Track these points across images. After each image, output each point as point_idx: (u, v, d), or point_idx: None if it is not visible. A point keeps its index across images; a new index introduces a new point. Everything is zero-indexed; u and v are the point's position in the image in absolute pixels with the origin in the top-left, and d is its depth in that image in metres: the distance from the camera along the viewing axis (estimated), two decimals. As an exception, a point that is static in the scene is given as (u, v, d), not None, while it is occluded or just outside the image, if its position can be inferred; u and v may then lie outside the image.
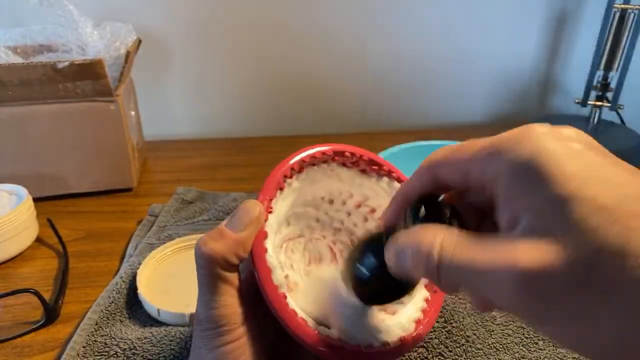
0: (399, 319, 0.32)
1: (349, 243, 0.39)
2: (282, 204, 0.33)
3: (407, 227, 0.24)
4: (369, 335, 0.30)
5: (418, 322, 0.32)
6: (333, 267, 0.37)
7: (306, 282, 0.35)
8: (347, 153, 0.35)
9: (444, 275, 0.21)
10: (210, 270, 0.27)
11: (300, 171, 0.34)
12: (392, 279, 0.25)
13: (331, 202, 0.38)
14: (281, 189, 0.33)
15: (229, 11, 0.77)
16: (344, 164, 0.36)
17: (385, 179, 0.36)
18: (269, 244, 0.30)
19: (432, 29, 0.84)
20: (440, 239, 0.21)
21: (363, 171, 0.36)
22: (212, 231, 0.28)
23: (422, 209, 0.23)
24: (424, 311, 0.32)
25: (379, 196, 0.37)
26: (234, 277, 0.28)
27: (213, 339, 0.27)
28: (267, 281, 0.28)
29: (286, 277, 0.37)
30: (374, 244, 0.26)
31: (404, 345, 0.30)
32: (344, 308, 0.33)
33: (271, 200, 0.32)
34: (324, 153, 0.35)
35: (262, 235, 0.29)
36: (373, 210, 0.38)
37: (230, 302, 0.28)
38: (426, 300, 0.33)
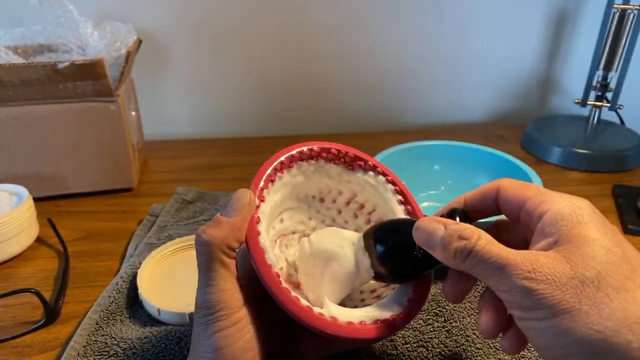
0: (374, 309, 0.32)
1: None
2: (273, 196, 0.35)
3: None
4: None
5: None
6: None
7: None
8: (333, 150, 0.37)
9: (471, 258, 0.26)
10: (211, 255, 0.29)
11: (290, 166, 0.36)
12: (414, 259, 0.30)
13: (322, 200, 0.40)
14: (272, 181, 0.35)
15: (229, 11, 0.77)
16: (331, 161, 0.38)
17: (371, 173, 0.38)
18: (262, 227, 0.32)
19: (432, 29, 0.84)
20: (479, 232, 0.27)
21: (350, 167, 0.38)
22: (209, 221, 0.30)
23: (461, 213, 0.31)
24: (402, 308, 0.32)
25: (366, 191, 0.39)
26: (231, 263, 0.30)
27: (211, 325, 0.28)
28: (261, 261, 0.30)
29: (281, 269, 0.38)
30: (400, 227, 0.32)
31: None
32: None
33: (262, 189, 0.34)
34: (311, 150, 0.37)
35: (255, 220, 0.32)
36: (362, 206, 0.40)
37: (228, 287, 0.29)
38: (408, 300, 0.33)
